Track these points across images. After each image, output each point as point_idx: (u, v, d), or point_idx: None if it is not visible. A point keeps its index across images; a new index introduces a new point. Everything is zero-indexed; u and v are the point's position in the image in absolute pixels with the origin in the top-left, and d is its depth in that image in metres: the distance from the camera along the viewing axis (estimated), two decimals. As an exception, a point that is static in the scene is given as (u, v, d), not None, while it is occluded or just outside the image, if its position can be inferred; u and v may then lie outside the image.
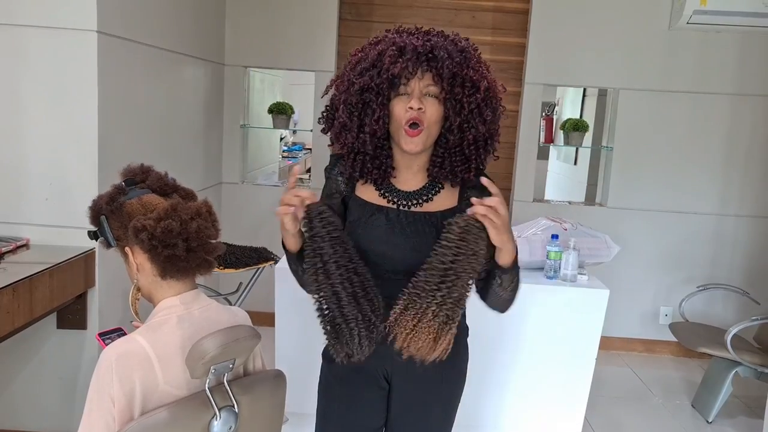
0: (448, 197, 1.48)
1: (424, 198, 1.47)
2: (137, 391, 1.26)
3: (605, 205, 4.09)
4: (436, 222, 1.44)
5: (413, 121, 1.37)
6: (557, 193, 5.78)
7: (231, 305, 1.80)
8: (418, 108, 1.36)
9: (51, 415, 2.57)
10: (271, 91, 5.00)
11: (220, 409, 1.32)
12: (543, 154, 5.62)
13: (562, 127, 4.37)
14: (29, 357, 2.54)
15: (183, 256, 1.32)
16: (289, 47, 3.99)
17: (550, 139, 4.84)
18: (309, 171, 4.92)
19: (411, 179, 1.48)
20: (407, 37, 1.39)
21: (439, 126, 1.41)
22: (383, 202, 1.47)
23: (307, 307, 1.38)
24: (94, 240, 1.44)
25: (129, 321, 1.59)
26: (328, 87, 1.49)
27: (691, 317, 3.70)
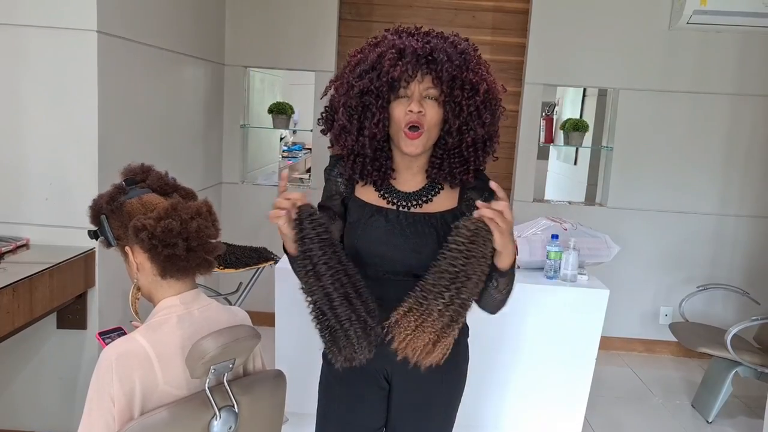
0: (447, 198, 1.48)
1: (423, 199, 1.47)
2: (137, 391, 1.26)
3: (605, 205, 4.09)
4: (435, 223, 1.44)
5: (413, 124, 1.36)
6: (557, 193, 5.78)
7: (231, 305, 1.80)
8: (418, 111, 1.35)
9: (51, 415, 2.57)
10: (271, 91, 5.00)
11: (220, 409, 1.32)
12: (543, 154, 5.63)
13: (562, 127, 4.37)
14: (29, 357, 2.54)
15: (183, 255, 1.32)
16: (289, 47, 3.99)
17: (550, 139, 4.85)
18: (309, 171, 4.92)
19: (410, 180, 1.48)
20: (407, 39, 1.38)
21: (439, 128, 1.40)
22: (383, 203, 1.47)
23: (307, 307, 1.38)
24: (94, 239, 1.44)
25: (129, 321, 1.59)
26: (327, 88, 1.49)
27: (691, 317, 3.70)
